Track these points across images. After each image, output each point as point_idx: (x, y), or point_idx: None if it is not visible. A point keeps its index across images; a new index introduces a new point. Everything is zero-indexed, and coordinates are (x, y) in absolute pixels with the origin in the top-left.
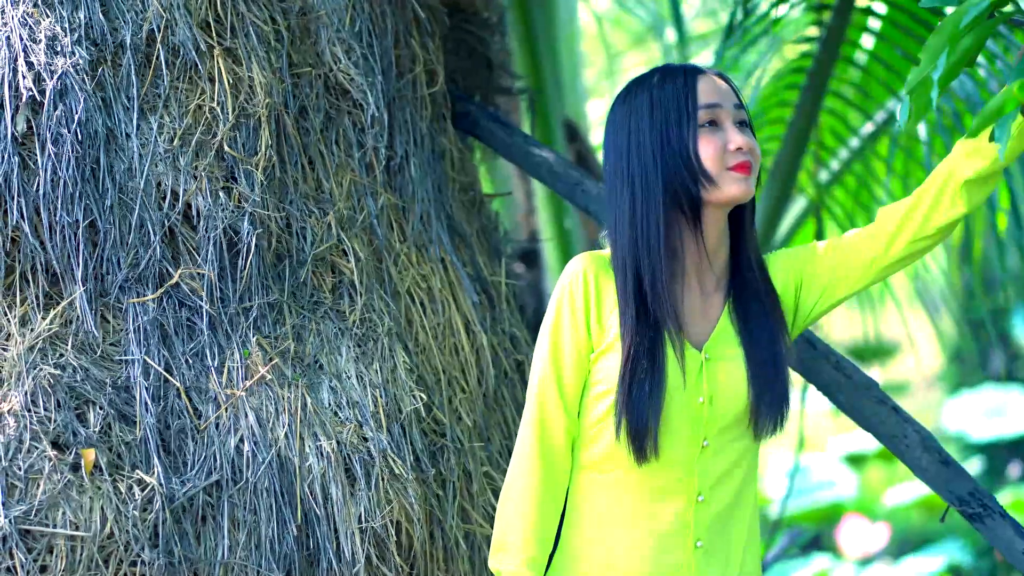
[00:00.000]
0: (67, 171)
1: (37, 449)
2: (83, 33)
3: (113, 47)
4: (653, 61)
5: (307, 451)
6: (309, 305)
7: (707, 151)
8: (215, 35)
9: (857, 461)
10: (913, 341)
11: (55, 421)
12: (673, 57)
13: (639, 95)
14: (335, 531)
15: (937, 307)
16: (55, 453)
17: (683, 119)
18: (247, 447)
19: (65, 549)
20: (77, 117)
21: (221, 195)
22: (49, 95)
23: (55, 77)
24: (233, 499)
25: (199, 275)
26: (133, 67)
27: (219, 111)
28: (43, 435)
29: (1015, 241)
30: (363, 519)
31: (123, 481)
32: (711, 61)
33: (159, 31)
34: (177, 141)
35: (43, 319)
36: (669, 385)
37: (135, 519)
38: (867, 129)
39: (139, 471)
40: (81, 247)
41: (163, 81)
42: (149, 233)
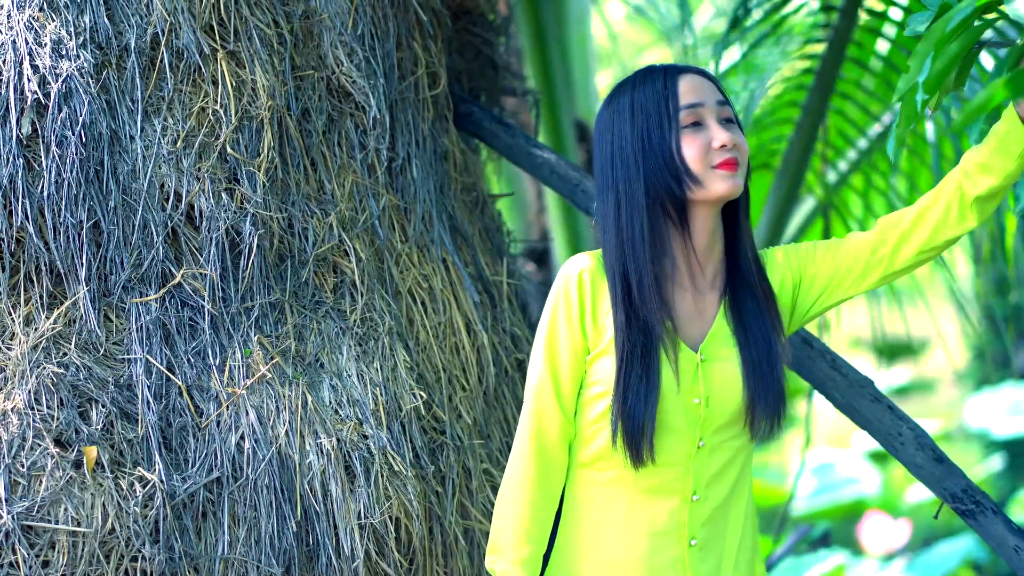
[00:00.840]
0: (71, 173)
1: (40, 446)
2: (88, 37)
3: (118, 50)
4: (669, 60)
5: (307, 448)
6: (311, 305)
7: (691, 151)
8: (218, 38)
9: (881, 458)
10: (940, 338)
11: (58, 419)
12: (689, 58)
13: (621, 99)
14: (334, 527)
15: (963, 305)
16: (58, 450)
17: (664, 121)
18: (248, 444)
19: (67, 545)
20: (81, 119)
21: (224, 196)
22: (54, 98)
23: (60, 80)
24: (234, 496)
25: (201, 275)
26: (137, 70)
27: (222, 113)
28: (46, 432)
29: None
30: (362, 515)
31: (125, 478)
32: (732, 60)
33: (163, 35)
34: (180, 143)
35: (47, 318)
36: (664, 388)
37: (136, 515)
38: (875, 130)
39: (141, 468)
40: (85, 248)
41: (167, 84)
42: (152, 234)
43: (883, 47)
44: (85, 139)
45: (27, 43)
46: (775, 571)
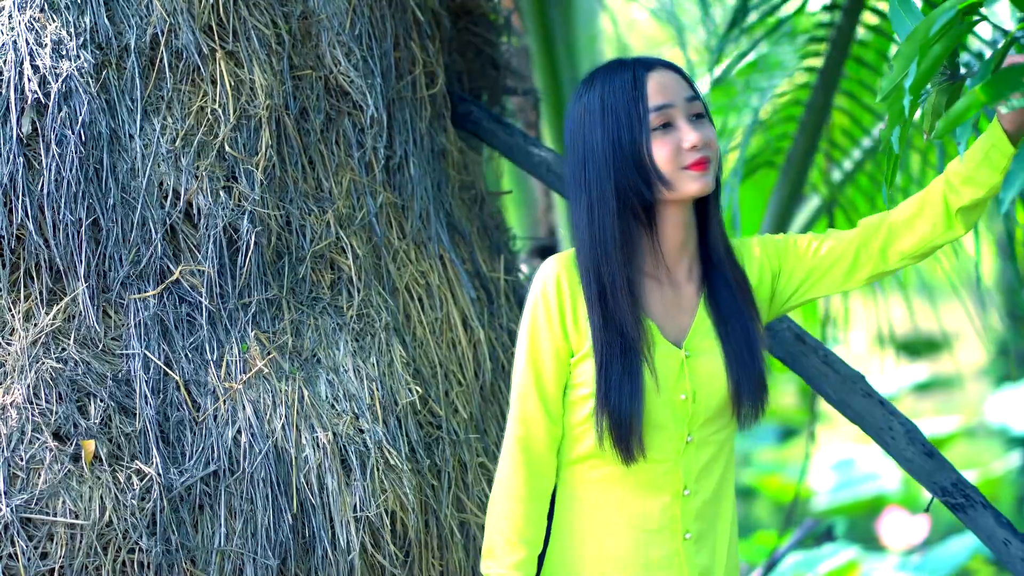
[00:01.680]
0: (71, 171)
1: (39, 440)
2: (88, 37)
3: (118, 51)
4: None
5: (303, 442)
6: (308, 301)
7: (661, 154)
8: (217, 38)
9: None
10: (961, 335)
11: (56, 413)
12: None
13: (591, 97)
14: (330, 520)
15: (985, 302)
16: (56, 444)
17: (634, 124)
18: (244, 438)
19: (65, 537)
20: (81, 119)
21: (222, 194)
22: (54, 97)
23: (60, 80)
24: (230, 489)
25: (199, 272)
26: (137, 70)
27: (221, 112)
28: (45, 426)
29: None
30: (358, 508)
31: (122, 471)
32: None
33: (163, 35)
34: (179, 142)
35: (46, 314)
36: (648, 386)
37: (134, 508)
38: (880, 129)
39: (138, 462)
40: (84, 245)
41: (166, 83)
42: (151, 231)
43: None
44: (85, 138)
45: (28, 43)
46: (782, 566)
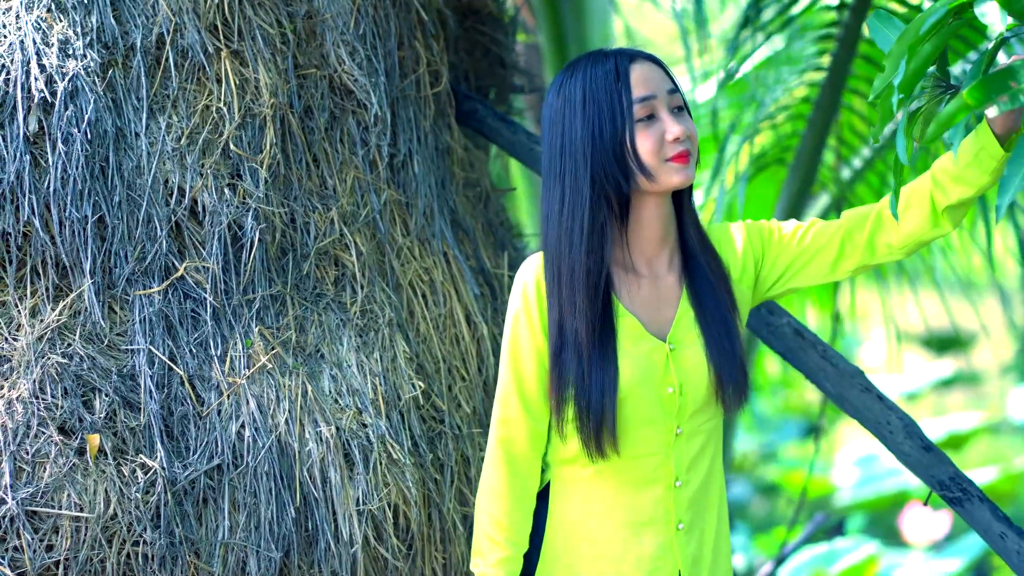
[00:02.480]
0: (76, 169)
1: (44, 434)
2: (95, 37)
3: (124, 50)
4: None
5: (307, 436)
6: (311, 297)
7: (645, 146)
8: (223, 38)
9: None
10: (985, 332)
11: (62, 407)
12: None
13: (572, 87)
14: (333, 513)
15: (1010, 297)
16: (61, 438)
17: (617, 115)
18: (248, 432)
19: (70, 529)
20: (87, 117)
21: (226, 191)
22: (60, 96)
23: (66, 79)
24: (234, 482)
25: (204, 268)
26: (143, 69)
27: (226, 111)
28: (50, 421)
29: None
30: (361, 502)
31: (127, 465)
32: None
33: (168, 34)
34: (185, 140)
35: (52, 310)
36: (634, 380)
37: (138, 501)
38: (889, 127)
39: (143, 455)
40: (90, 242)
41: (172, 82)
42: (156, 228)
43: None
44: (90, 136)
45: (35, 43)
46: (800, 561)
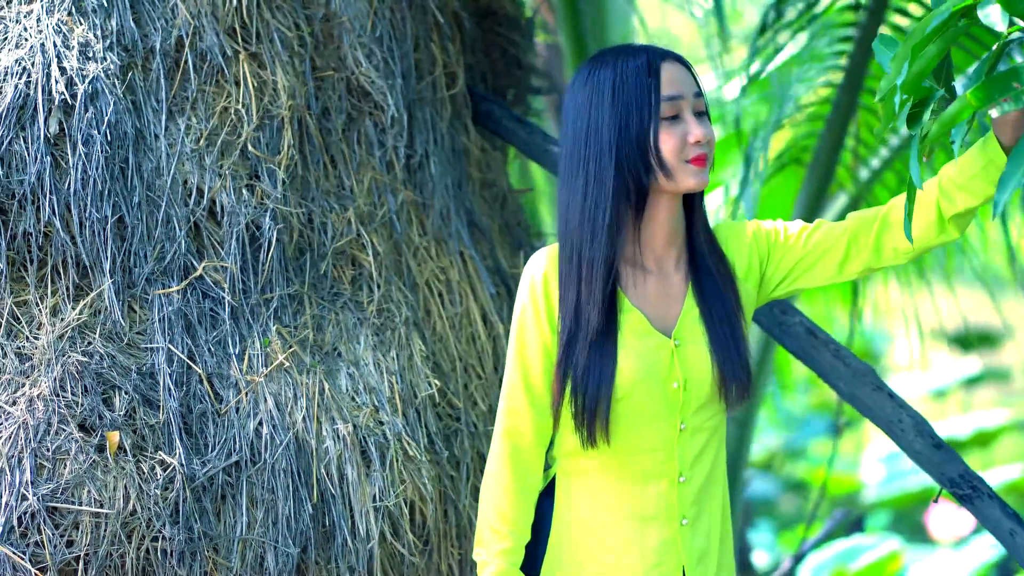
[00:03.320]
0: (97, 170)
1: (65, 431)
2: (115, 40)
3: (143, 53)
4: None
5: (324, 434)
6: (329, 296)
7: (668, 145)
8: (241, 41)
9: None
10: (1014, 329)
11: (82, 405)
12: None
13: (600, 77)
14: (350, 509)
15: None
16: (82, 435)
17: (645, 111)
18: (266, 430)
19: (90, 525)
20: (107, 119)
21: (244, 192)
22: (80, 98)
23: (87, 81)
24: (252, 479)
25: (222, 268)
26: (162, 71)
27: (244, 113)
28: (71, 418)
29: None
30: (377, 498)
31: (146, 461)
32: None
33: (187, 37)
34: (203, 141)
35: (73, 309)
36: (632, 373)
37: (157, 497)
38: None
39: (162, 452)
40: (110, 242)
41: (191, 84)
42: (175, 228)
43: None
44: (110, 138)
45: (55, 46)
46: (823, 557)
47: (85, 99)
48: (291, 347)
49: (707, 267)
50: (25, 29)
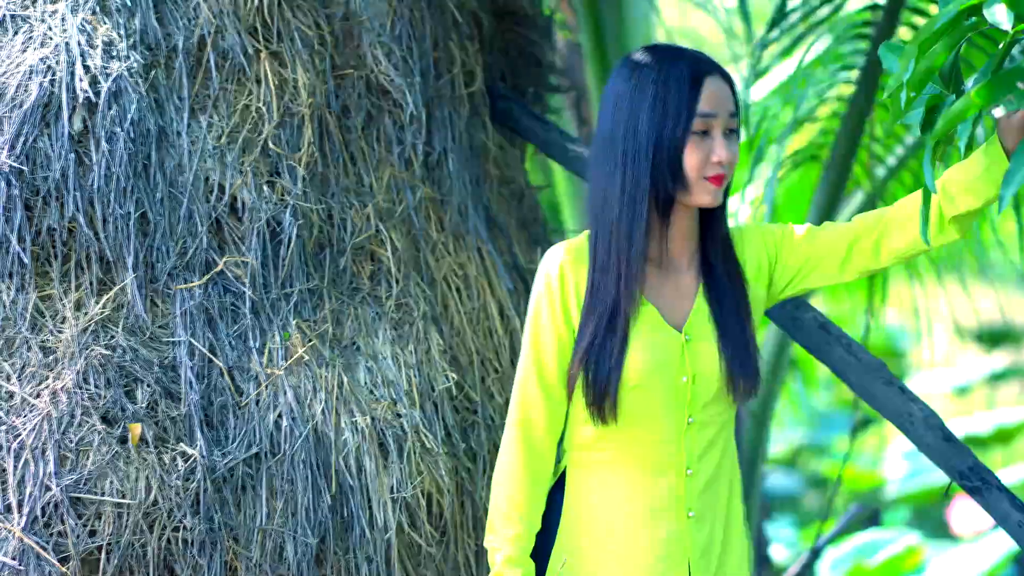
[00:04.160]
0: (120, 167)
1: (88, 423)
2: (138, 39)
3: (166, 51)
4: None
5: (343, 426)
6: (348, 291)
7: (692, 160)
8: (262, 40)
9: (972, 443)
10: None
11: (105, 397)
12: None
13: (644, 77)
14: (368, 501)
15: None
16: (104, 427)
17: (679, 123)
18: (285, 422)
19: (112, 516)
20: (130, 117)
21: (265, 189)
22: (104, 96)
23: (110, 79)
24: (271, 470)
25: (243, 263)
26: (185, 70)
27: (265, 111)
28: (93, 410)
29: None
30: (395, 490)
31: (168, 453)
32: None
33: (209, 36)
34: (225, 139)
35: (96, 304)
36: (642, 364)
37: (178, 488)
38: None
39: (183, 444)
40: (132, 237)
41: (212, 83)
42: (197, 224)
43: None
44: (133, 135)
45: (80, 44)
46: (840, 552)
47: (109, 97)
48: (311, 341)
49: (719, 267)
50: (50, 28)
